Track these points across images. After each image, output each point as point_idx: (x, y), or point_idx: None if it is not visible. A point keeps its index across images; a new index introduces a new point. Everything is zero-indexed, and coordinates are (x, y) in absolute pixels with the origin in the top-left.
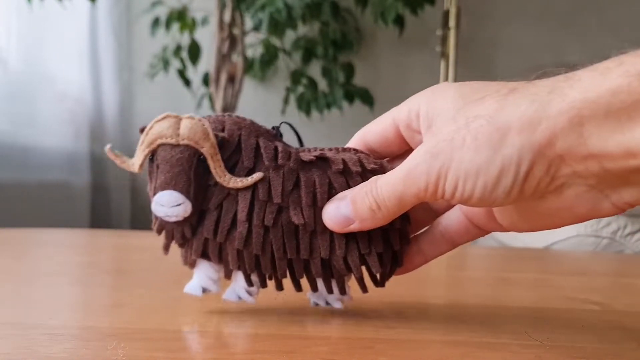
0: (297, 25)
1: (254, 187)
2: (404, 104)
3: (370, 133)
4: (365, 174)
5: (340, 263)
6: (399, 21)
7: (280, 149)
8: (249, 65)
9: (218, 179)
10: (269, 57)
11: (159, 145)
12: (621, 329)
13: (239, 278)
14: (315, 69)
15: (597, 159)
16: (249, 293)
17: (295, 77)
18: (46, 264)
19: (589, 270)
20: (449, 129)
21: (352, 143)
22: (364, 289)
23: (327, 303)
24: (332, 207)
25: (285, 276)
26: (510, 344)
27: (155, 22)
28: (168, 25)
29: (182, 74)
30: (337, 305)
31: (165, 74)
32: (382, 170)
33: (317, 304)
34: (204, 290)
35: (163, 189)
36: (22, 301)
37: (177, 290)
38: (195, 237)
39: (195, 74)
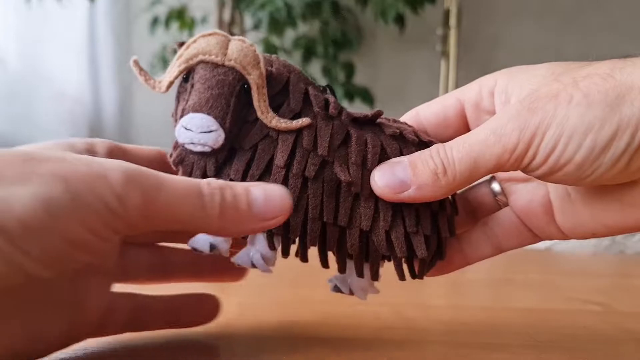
0: (297, 24)
1: (298, 132)
2: (474, 83)
3: (426, 112)
4: (420, 146)
5: (381, 238)
6: (400, 20)
7: (332, 100)
8: None
9: (260, 115)
10: None
11: (200, 62)
12: (622, 330)
13: (258, 239)
14: (315, 68)
15: None
16: (265, 260)
17: None
18: None
19: (590, 271)
20: (550, 87)
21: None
22: (401, 275)
23: (351, 291)
24: (384, 168)
25: (314, 243)
26: (511, 345)
27: (155, 21)
28: (167, 24)
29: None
30: (361, 294)
31: (164, 74)
32: None
33: (338, 290)
34: (212, 247)
35: (195, 110)
36: None
37: (177, 291)
38: (218, 176)
39: None
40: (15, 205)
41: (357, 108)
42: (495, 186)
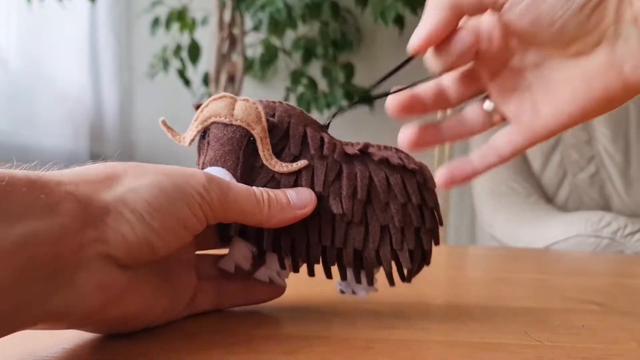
0: (297, 25)
1: (297, 173)
2: None
3: None
4: (405, 171)
5: (372, 255)
6: (399, 21)
7: (326, 140)
8: (248, 65)
9: (265, 162)
10: (269, 57)
11: (212, 123)
12: (621, 329)
13: (272, 261)
14: (315, 69)
15: None
16: (280, 275)
17: (295, 77)
18: None
19: (589, 270)
20: None
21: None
22: (391, 282)
23: (354, 292)
24: None
25: (318, 262)
26: (510, 344)
27: (155, 22)
28: (168, 25)
29: (182, 73)
30: (363, 294)
31: (165, 74)
32: (421, 170)
33: (343, 292)
34: (237, 267)
35: (212, 164)
36: None
37: None
38: None
39: (195, 74)
40: (141, 191)
41: (357, 109)
42: (489, 104)
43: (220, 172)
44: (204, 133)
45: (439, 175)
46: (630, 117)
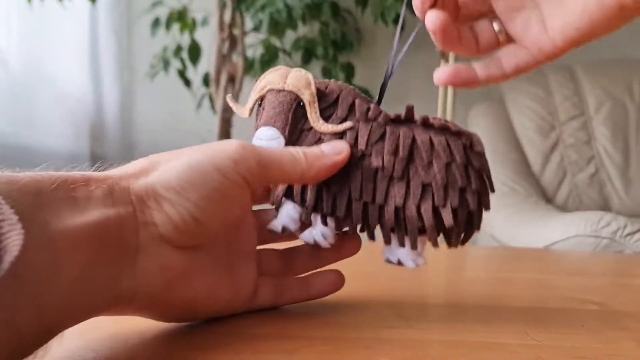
0: (297, 26)
1: (342, 135)
2: None
3: None
4: (449, 134)
5: (413, 212)
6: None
7: (372, 107)
8: (249, 65)
9: (312, 123)
10: (269, 57)
11: (268, 91)
12: (621, 329)
13: (317, 222)
14: (315, 69)
15: None
16: (325, 237)
17: None
18: None
19: (589, 270)
20: None
21: None
22: (435, 243)
23: (400, 262)
24: None
25: (359, 221)
26: (510, 344)
27: (156, 23)
28: (168, 25)
29: (182, 74)
30: (410, 264)
31: (165, 75)
32: (468, 134)
33: (389, 261)
34: (284, 229)
35: (264, 125)
36: None
37: None
38: None
39: (195, 74)
40: (172, 170)
41: None
42: (496, 26)
43: (270, 131)
44: (260, 102)
45: (443, 69)
46: (630, 118)
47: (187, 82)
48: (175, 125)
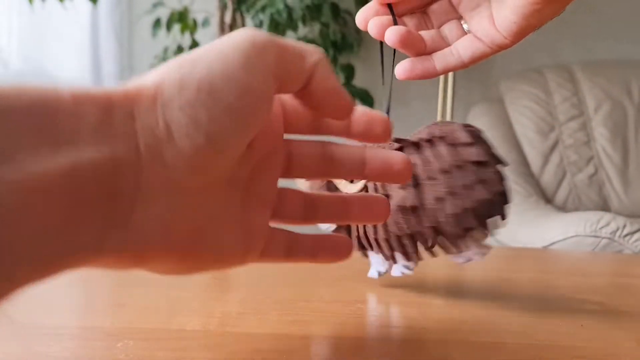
0: (297, 27)
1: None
2: None
3: None
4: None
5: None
6: None
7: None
8: None
9: None
10: None
11: None
12: (620, 329)
13: (398, 259)
14: None
15: None
16: (409, 269)
17: None
18: None
19: (588, 270)
20: None
21: None
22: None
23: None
24: None
25: (416, 249)
26: (510, 344)
27: (157, 24)
28: (169, 26)
29: None
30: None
31: None
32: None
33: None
34: (379, 273)
35: None
36: (22, 301)
37: (178, 290)
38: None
39: None
40: (196, 76)
41: None
42: (465, 26)
43: None
44: None
45: (401, 65)
46: (629, 118)
47: None
48: None
